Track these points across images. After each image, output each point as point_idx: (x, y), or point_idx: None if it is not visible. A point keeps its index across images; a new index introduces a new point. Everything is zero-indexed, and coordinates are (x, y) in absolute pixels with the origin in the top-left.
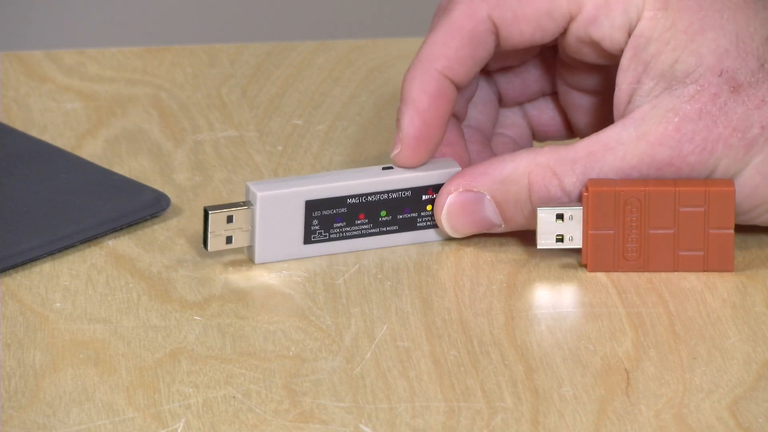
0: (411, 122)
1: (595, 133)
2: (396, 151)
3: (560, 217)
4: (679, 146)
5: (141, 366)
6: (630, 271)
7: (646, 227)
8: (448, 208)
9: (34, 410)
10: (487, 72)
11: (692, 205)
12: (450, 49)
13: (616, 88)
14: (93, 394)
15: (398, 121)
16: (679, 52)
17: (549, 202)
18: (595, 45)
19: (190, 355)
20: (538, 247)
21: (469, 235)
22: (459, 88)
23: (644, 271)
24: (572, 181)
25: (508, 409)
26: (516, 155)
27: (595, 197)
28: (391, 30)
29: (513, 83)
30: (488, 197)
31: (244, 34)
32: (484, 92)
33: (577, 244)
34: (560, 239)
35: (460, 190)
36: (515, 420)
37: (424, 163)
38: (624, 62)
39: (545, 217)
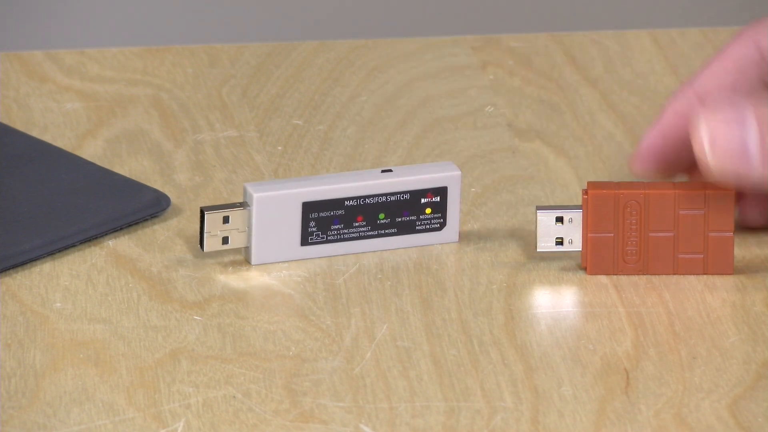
0: (649, 133)
1: None
2: (633, 156)
3: (560, 219)
4: None
5: (141, 366)
6: (630, 274)
7: (645, 230)
8: (708, 128)
9: (34, 410)
10: None
11: (692, 207)
12: (712, 75)
13: None
14: (93, 394)
15: None
16: None
17: None
18: None
19: (190, 355)
20: (538, 250)
21: (727, 172)
22: None
23: (644, 274)
24: None
25: (508, 408)
26: None
27: (594, 200)
28: (391, 30)
29: None
30: (751, 113)
31: (244, 34)
32: None
33: (577, 247)
34: (560, 242)
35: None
36: (515, 420)
37: (652, 175)
38: None
39: (545, 220)
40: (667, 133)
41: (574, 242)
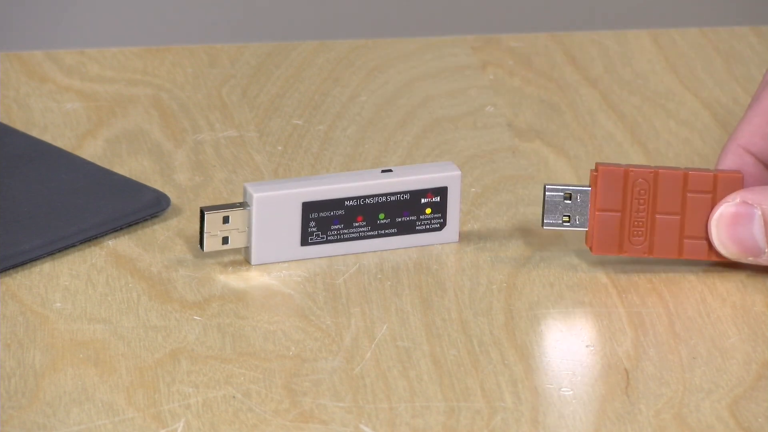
0: None
1: None
2: None
3: (568, 197)
4: None
5: (141, 366)
6: (634, 256)
7: (652, 211)
8: (719, 215)
9: (34, 410)
10: None
11: (700, 190)
12: (752, 125)
13: None
14: (93, 394)
15: None
16: None
17: None
18: None
19: (190, 355)
20: (544, 227)
21: (734, 255)
22: (765, 162)
23: (649, 256)
24: None
25: (508, 408)
26: None
27: (604, 176)
28: (391, 30)
29: None
30: (759, 213)
31: (244, 34)
32: None
33: (583, 226)
34: (567, 221)
35: (737, 200)
36: (515, 420)
37: None
38: None
39: (553, 196)
40: None
41: (581, 221)
